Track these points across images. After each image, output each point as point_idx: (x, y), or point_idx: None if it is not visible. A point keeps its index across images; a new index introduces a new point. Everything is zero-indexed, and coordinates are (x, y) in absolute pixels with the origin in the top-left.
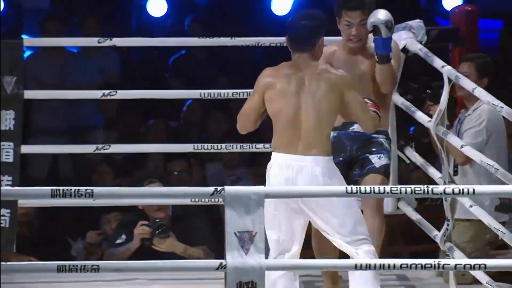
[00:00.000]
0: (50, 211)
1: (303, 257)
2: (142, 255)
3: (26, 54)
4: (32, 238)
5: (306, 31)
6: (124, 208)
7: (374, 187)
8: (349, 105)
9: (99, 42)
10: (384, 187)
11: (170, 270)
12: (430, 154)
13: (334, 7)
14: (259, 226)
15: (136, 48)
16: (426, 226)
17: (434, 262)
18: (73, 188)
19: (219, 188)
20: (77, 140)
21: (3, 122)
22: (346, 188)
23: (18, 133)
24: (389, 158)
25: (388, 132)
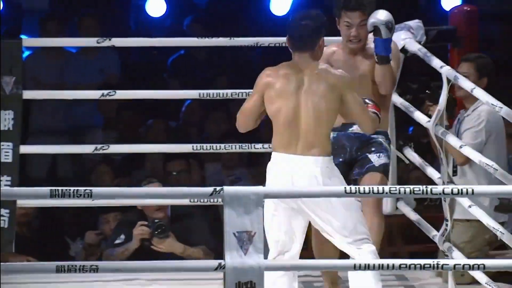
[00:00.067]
0: (49, 211)
1: (302, 257)
2: (141, 256)
3: (25, 54)
4: (31, 238)
5: (306, 31)
6: (123, 208)
7: (373, 187)
8: (348, 105)
9: (98, 42)
10: (383, 187)
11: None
12: (429, 154)
13: (333, 8)
14: (258, 226)
15: (135, 48)
16: (425, 227)
17: (433, 262)
18: (72, 188)
19: (218, 188)
20: (76, 140)
21: (2, 122)
22: (345, 188)
23: (17, 133)
24: (388, 158)
25: (387, 132)
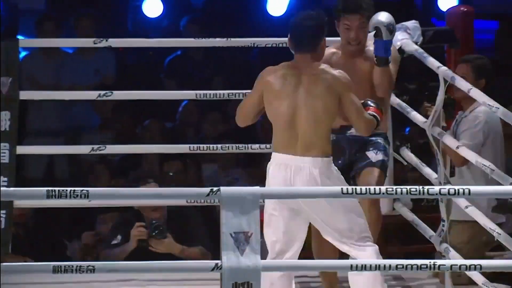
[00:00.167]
0: (45, 212)
1: (300, 258)
2: (138, 256)
3: (22, 54)
4: (27, 238)
5: (308, 32)
6: (120, 208)
7: (369, 188)
8: (344, 106)
9: (95, 43)
10: (379, 188)
11: (165, 270)
12: (426, 154)
13: (333, 10)
14: (255, 226)
15: (131, 48)
16: (422, 227)
17: (430, 262)
18: (68, 188)
19: (215, 188)
20: (73, 140)
21: None
22: (342, 188)
23: (14, 134)
24: (386, 156)
25: (386, 134)
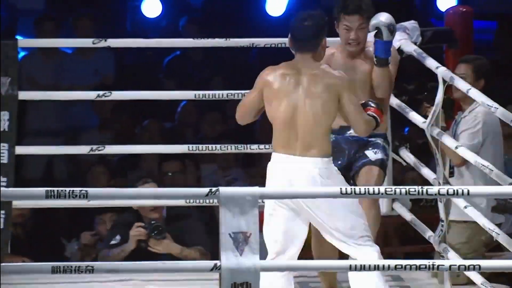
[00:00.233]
0: (44, 212)
1: (300, 258)
2: (137, 256)
3: (21, 55)
4: (26, 239)
5: (309, 32)
6: (119, 209)
7: (368, 188)
8: (342, 106)
9: (94, 43)
10: (378, 188)
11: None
12: (425, 155)
13: (333, 11)
14: (254, 227)
15: (130, 49)
16: (421, 227)
17: (429, 263)
18: (67, 189)
19: (214, 189)
20: (72, 141)
21: None
22: (341, 189)
23: (13, 134)
24: (385, 155)
25: (386, 135)
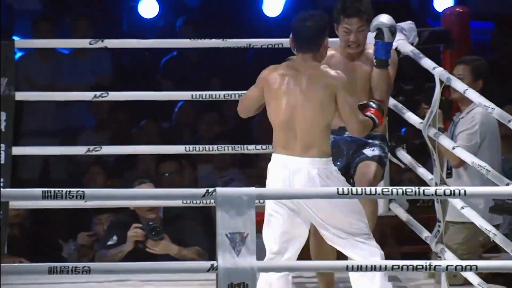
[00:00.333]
0: (41, 213)
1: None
2: (135, 257)
3: (17, 55)
4: (23, 239)
5: (311, 32)
6: (116, 209)
7: (365, 189)
8: (338, 105)
9: (91, 44)
10: (375, 189)
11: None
12: (422, 155)
13: (332, 13)
14: (251, 227)
15: (127, 49)
16: (417, 228)
17: (426, 263)
18: (64, 189)
19: (211, 189)
20: (68, 141)
21: None
22: (337, 189)
23: (10, 134)
24: (383, 152)
25: (385, 136)
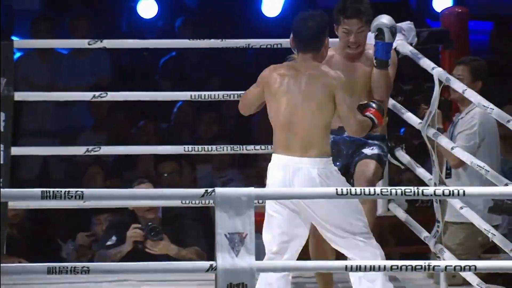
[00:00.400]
0: (40, 213)
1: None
2: (134, 257)
3: (16, 55)
4: (22, 239)
5: (312, 32)
6: (115, 209)
7: (364, 189)
8: (337, 105)
9: (90, 44)
10: (374, 189)
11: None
12: (421, 155)
13: (332, 14)
14: (250, 227)
15: (126, 49)
16: (416, 228)
17: (425, 263)
18: (63, 190)
19: (210, 189)
20: (67, 142)
21: None
22: (336, 189)
23: (8, 135)
24: (382, 151)
25: (384, 136)
